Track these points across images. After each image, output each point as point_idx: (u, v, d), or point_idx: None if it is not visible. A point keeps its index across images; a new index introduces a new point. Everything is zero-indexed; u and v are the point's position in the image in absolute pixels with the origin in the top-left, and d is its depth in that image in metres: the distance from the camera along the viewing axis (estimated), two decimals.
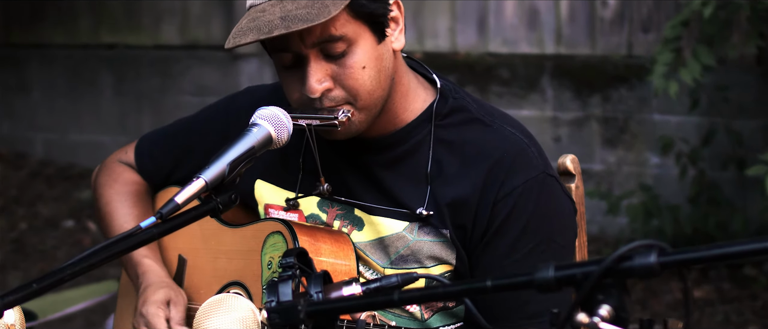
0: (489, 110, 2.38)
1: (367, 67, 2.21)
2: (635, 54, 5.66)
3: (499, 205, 2.27)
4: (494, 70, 5.86)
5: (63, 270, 1.82)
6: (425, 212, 2.30)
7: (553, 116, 5.75)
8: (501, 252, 2.28)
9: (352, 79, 2.21)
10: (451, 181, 2.30)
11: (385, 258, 2.35)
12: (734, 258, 1.45)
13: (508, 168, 2.28)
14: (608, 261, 1.48)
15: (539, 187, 2.29)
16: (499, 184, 2.27)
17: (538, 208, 2.28)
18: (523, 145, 2.32)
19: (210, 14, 6.45)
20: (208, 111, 2.59)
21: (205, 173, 1.98)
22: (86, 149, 6.68)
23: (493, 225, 2.28)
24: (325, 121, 2.21)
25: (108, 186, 2.64)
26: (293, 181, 2.42)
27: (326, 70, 2.21)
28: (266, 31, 2.13)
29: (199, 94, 6.37)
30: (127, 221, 2.57)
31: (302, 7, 2.14)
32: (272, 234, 2.33)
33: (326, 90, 2.21)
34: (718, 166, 5.37)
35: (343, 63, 2.20)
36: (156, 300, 2.43)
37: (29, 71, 6.88)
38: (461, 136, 2.32)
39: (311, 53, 2.20)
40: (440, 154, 2.32)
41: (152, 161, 2.62)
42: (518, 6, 5.84)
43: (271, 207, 2.46)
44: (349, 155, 2.37)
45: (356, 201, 2.36)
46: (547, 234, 2.30)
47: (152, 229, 1.91)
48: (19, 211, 6.45)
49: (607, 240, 5.55)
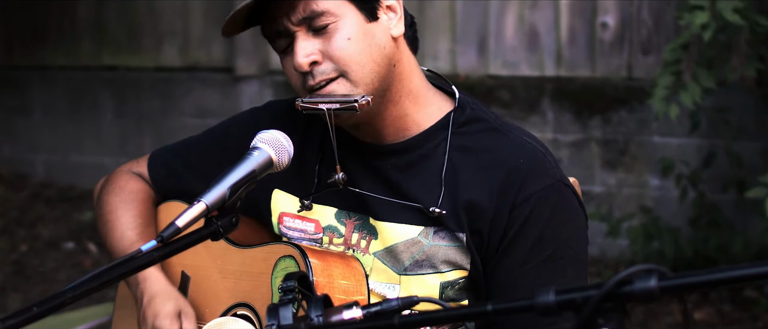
0: (506, 122, 2.40)
1: (353, 40, 2.25)
2: (635, 76, 5.67)
3: (516, 211, 2.28)
4: (495, 92, 5.87)
5: (64, 294, 1.82)
6: (438, 211, 2.30)
7: (554, 138, 5.75)
8: (518, 258, 2.29)
9: (338, 50, 2.25)
10: (467, 185, 2.31)
11: (399, 264, 2.35)
12: (735, 282, 1.45)
13: (525, 174, 2.29)
14: (608, 286, 1.48)
15: (556, 195, 2.30)
16: (516, 190, 2.28)
17: (554, 215, 2.29)
18: (539, 153, 2.33)
19: (211, 36, 6.46)
20: (227, 125, 2.60)
21: (206, 196, 1.98)
22: (87, 171, 6.68)
23: (511, 231, 2.29)
24: (345, 105, 2.24)
25: (114, 194, 2.62)
26: (309, 189, 2.43)
27: (314, 44, 2.26)
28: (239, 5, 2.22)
29: (200, 116, 6.38)
30: (131, 228, 2.55)
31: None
32: (284, 258, 2.33)
33: (314, 63, 2.26)
34: (718, 188, 5.37)
35: (330, 36, 2.25)
36: (168, 312, 2.41)
37: (30, 93, 6.89)
38: (478, 144, 2.34)
39: (299, 31, 2.26)
40: (456, 159, 2.33)
41: (166, 171, 2.61)
42: (518, 28, 5.85)
43: (286, 215, 2.45)
44: (365, 160, 2.38)
45: (369, 194, 2.37)
46: (564, 241, 2.30)
47: (153, 253, 1.91)
48: (20, 233, 6.45)
49: (608, 263, 5.55)
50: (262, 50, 6.18)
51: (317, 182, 2.43)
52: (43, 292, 5.75)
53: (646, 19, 5.63)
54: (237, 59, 6.32)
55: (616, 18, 5.69)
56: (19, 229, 6.48)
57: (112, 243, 2.56)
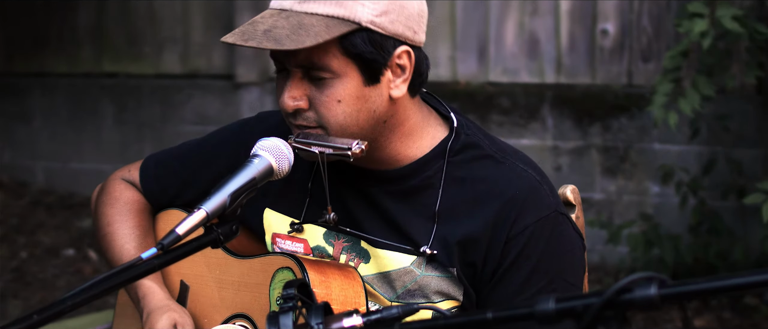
0: (501, 147, 2.37)
1: (343, 102, 2.21)
2: (635, 83, 5.68)
3: (510, 243, 2.27)
4: (495, 99, 5.87)
5: (64, 302, 1.82)
6: (429, 251, 2.29)
7: (554, 145, 5.75)
8: (511, 290, 2.28)
9: (325, 108, 2.22)
10: (461, 219, 2.29)
11: (391, 291, 2.35)
12: (735, 290, 1.45)
13: (521, 206, 2.27)
14: (609, 294, 1.48)
15: (551, 226, 2.28)
16: (511, 222, 2.27)
17: (549, 247, 2.28)
18: (535, 182, 2.31)
19: (211, 43, 6.47)
20: (218, 135, 2.58)
21: (206, 204, 1.99)
22: (87, 178, 6.68)
23: (504, 263, 2.27)
24: (339, 151, 2.22)
25: (109, 206, 2.60)
26: (300, 207, 2.42)
27: (305, 90, 2.23)
28: (244, 38, 2.19)
29: (200, 123, 6.38)
30: (129, 240, 2.54)
31: (286, 28, 2.17)
32: (281, 270, 2.32)
33: (300, 108, 2.23)
34: (718, 195, 5.37)
35: (322, 90, 2.22)
36: (163, 327, 2.41)
37: (31, 100, 6.89)
38: (473, 173, 2.31)
39: (295, 71, 2.23)
40: (451, 191, 2.31)
41: (157, 183, 2.60)
42: (519, 35, 5.86)
43: (278, 236, 2.44)
44: (358, 186, 2.36)
45: (361, 233, 2.36)
46: (558, 272, 2.29)
47: (153, 260, 1.91)
48: (20, 240, 6.44)
49: (608, 270, 5.55)
50: (263, 57, 6.18)
51: (309, 201, 2.41)
52: (43, 299, 5.74)
53: (646, 26, 5.64)
54: (237, 66, 6.33)
55: (616, 25, 5.70)
56: (19, 236, 6.47)
57: (112, 256, 2.56)
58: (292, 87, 2.23)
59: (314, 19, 2.19)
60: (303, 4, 2.20)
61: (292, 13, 2.20)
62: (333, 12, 2.19)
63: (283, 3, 2.23)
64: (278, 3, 2.25)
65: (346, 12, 2.19)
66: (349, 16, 2.19)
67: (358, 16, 2.19)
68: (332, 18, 2.19)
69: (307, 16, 2.19)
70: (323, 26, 2.18)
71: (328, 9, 2.19)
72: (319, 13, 2.19)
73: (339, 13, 2.19)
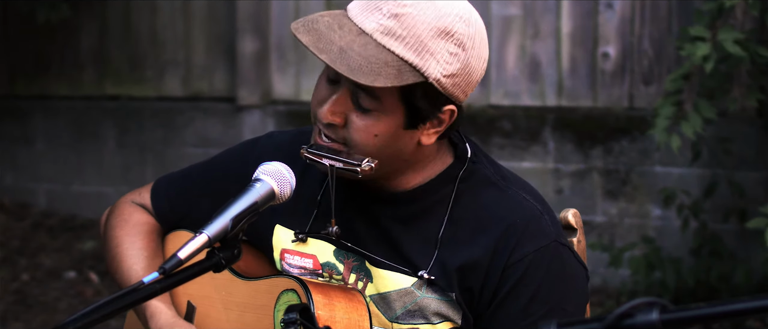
0: (505, 175, 2.37)
1: (379, 137, 2.22)
2: (637, 106, 5.68)
3: (508, 271, 2.26)
4: (496, 122, 5.88)
5: (65, 326, 1.82)
6: (427, 275, 2.29)
7: (555, 168, 5.76)
8: (510, 318, 2.27)
9: (359, 136, 2.22)
10: (462, 245, 2.29)
11: (391, 311, 2.35)
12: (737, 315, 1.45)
13: (520, 234, 2.27)
14: (610, 320, 1.48)
15: (551, 256, 2.28)
16: (510, 250, 2.27)
17: (548, 276, 2.27)
18: (536, 212, 2.31)
19: (213, 66, 6.48)
20: (228, 154, 2.58)
21: (208, 228, 1.99)
22: (89, 200, 6.69)
23: (502, 290, 2.27)
24: (349, 166, 2.23)
25: (119, 228, 2.60)
26: (307, 219, 2.42)
27: (347, 108, 2.22)
28: (318, 48, 2.15)
29: (202, 146, 6.39)
30: (138, 261, 2.53)
31: (363, 54, 2.15)
32: (286, 292, 2.32)
33: (335, 123, 2.23)
34: (720, 218, 5.37)
35: (363, 118, 2.21)
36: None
37: (32, 122, 6.90)
38: (476, 200, 2.32)
39: (346, 88, 2.21)
40: (453, 217, 2.31)
41: (169, 203, 2.60)
42: (520, 58, 5.87)
43: (287, 252, 2.44)
44: (364, 205, 2.37)
45: (363, 251, 2.36)
46: (557, 302, 2.28)
47: (155, 284, 1.91)
48: (22, 262, 6.44)
49: (610, 293, 5.54)
50: (265, 80, 6.19)
51: (316, 212, 2.41)
52: (44, 322, 5.74)
53: (647, 49, 5.65)
54: (239, 89, 6.33)
55: (617, 48, 5.71)
56: (21, 259, 6.47)
57: (121, 277, 2.55)
58: (336, 101, 2.22)
59: (389, 56, 2.16)
60: (385, 38, 2.17)
61: (371, 41, 2.17)
62: (409, 58, 2.17)
63: (365, 23, 2.19)
64: (360, 18, 2.20)
65: (420, 63, 2.17)
66: (420, 68, 2.18)
67: (428, 71, 2.18)
68: (406, 63, 2.17)
69: (385, 52, 2.16)
70: (395, 70, 2.15)
71: (405, 53, 2.17)
72: (395, 52, 2.17)
73: (414, 61, 2.17)
